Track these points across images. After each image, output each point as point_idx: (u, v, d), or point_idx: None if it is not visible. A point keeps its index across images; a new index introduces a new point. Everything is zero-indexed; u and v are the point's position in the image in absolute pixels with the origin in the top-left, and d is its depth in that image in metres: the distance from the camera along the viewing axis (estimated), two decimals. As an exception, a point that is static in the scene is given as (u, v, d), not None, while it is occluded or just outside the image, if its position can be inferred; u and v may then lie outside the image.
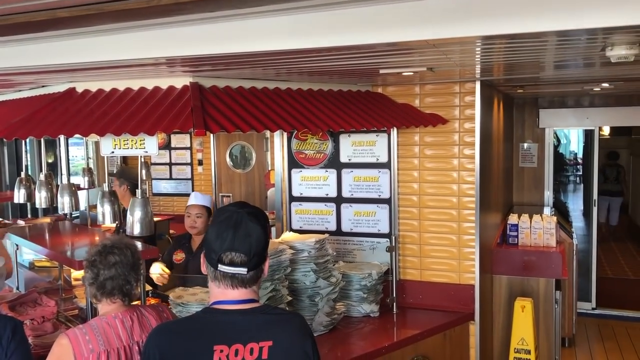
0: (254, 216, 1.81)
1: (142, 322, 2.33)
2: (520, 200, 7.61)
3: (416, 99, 4.10)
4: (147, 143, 3.21)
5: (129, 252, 2.38)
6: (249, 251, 1.76)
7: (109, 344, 2.22)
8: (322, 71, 3.33)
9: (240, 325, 1.77)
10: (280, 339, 1.78)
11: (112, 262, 2.32)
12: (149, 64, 2.86)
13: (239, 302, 1.80)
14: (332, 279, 3.68)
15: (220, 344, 1.72)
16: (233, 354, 1.71)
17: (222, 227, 1.78)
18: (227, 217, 1.80)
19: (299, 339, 1.84)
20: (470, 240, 4.04)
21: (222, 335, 1.74)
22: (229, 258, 1.76)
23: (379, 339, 3.65)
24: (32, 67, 2.93)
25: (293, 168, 4.41)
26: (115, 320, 2.28)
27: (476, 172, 3.98)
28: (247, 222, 1.79)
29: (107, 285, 2.30)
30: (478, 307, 4.07)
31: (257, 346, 1.73)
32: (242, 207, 1.86)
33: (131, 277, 2.35)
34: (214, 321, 1.79)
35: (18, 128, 2.97)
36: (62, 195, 4.59)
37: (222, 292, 1.80)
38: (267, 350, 1.74)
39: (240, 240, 1.76)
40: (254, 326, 1.77)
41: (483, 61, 2.93)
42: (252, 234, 1.77)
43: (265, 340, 1.75)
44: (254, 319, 1.79)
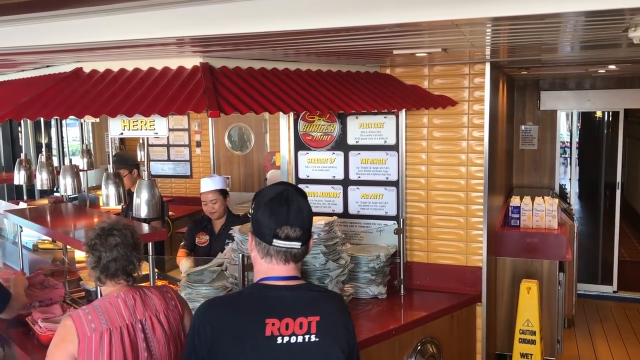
0: (301, 193, 1.91)
1: (145, 301, 2.35)
2: (520, 182, 7.63)
3: (425, 81, 4.07)
4: (157, 124, 3.17)
5: (128, 232, 2.39)
6: (303, 225, 1.83)
7: (112, 322, 2.25)
8: (333, 52, 3.28)
9: (290, 300, 1.82)
10: (326, 314, 1.83)
11: (113, 244, 2.32)
12: (157, 44, 2.81)
13: (286, 279, 1.85)
14: (341, 261, 3.67)
15: (272, 318, 1.77)
16: (284, 327, 1.76)
17: (274, 205, 1.83)
18: (278, 194, 1.85)
19: (341, 315, 1.91)
20: (478, 223, 4.05)
21: (273, 308, 1.79)
22: (285, 233, 1.81)
23: (387, 320, 3.67)
24: (38, 46, 2.86)
25: (300, 150, 4.38)
26: (118, 300, 2.31)
27: (485, 154, 3.97)
28: (297, 198, 1.86)
29: (110, 267, 2.31)
30: (485, 289, 4.09)
31: (305, 320, 1.79)
32: (289, 185, 1.94)
33: (133, 257, 2.36)
34: (264, 295, 1.83)
35: (26, 108, 2.92)
36: (65, 177, 4.54)
37: (271, 268, 1.85)
38: (315, 324, 1.79)
39: (295, 215, 1.82)
40: (302, 301, 1.83)
41: (500, 42, 2.90)
42: (303, 209, 1.85)
43: (313, 315, 1.80)
44: (301, 294, 1.85)
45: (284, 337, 1.76)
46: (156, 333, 2.33)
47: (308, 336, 1.78)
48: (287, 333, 1.76)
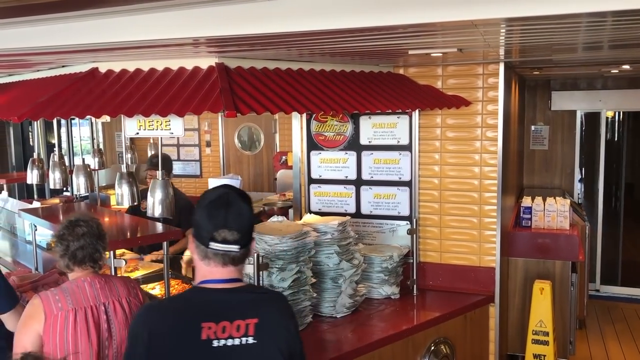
0: (243, 197, 1.88)
1: (109, 287, 2.55)
2: (531, 183, 7.61)
3: (438, 81, 4.07)
4: (172, 124, 3.18)
5: (94, 223, 2.59)
6: (241, 229, 1.82)
7: (77, 303, 2.45)
8: (348, 52, 3.29)
9: (228, 303, 1.82)
10: (265, 316, 1.83)
11: (80, 234, 2.52)
12: (173, 45, 2.82)
13: (226, 281, 1.84)
14: (354, 261, 3.67)
15: (208, 321, 1.76)
16: (220, 331, 1.76)
17: (213, 207, 1.83)
18: (218, 196, 1.85)
19: (283, 317, 1.90)
20: (492, 223, 4.04)
21: (209, 312, 1.78)
22: (222, 236, 1.80)
23: (400, 321, 3.66)
24: (55, 47, 2.88)
25: (312, 150, 4.38)
26: (84, 283, 2.51)
27: (499, 154, 3.96)
28: (238, 201, 1.85)
29: (78, 255, 2.51)
30: (498, 290, 4.08)
31: (243, 323, 1.78)
32: (231, 189, 1.91)
33: (99, 246, 2.56)
34: (202, 299, 1.83)
35: (43, 108, 2.93)
36: (77, 176, 4.56)
37: (210, 271, 1.84)
38: (253, 327, 1.79)
39: (234, 218, 1.81)
40: (240, 304, 1.82)
41: (517, 42, 2.89)
42: (243, 213, 1.84)
43: (251, 317, 1.80)
44: (240, 297, 1.84)
45: (220, 340, 1.75)
46: (117, 316, 2.52)
47: (245, 339, 1.77)
48: (224, 336, 1.76)
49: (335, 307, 3.60)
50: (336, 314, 3.60)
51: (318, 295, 3.56)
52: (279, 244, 3.27)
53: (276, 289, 3.28)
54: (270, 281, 3.27)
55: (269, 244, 3.28)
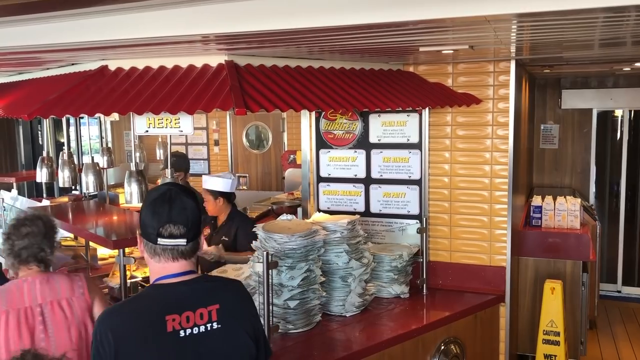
0: (185, 192, 1.91)
1: (50, 286, 2.51)
2: (541, 182, 7.55)
3: (449, 79, 4.04)
4: (182, 122, 3.17)
5: (40, 222, 2.58)
6: (187, 222, 1.85)
7: (11, 304, 2.43)
8: (358, 49, 3.27)
9: (187, 294, 1.86)
10: (225, 301, 1.89)
11: (24, 233, 2.52)
12: (183, 42, 2.81)
13: (181, 275, 1.88)
14: (363, 260, 3.65)
15: (172, 314, 1.80)
16: (185, 321, 1.80)
17: (157, 204, 1.86)
18: (161, 194, 1.88)
19: (242, 300, 1.98)
20: (502, 222, 4.00)
21: (171, 305, 1.82)
22: (169, 231, 1.83)
23: (410, 320, 3.64)
24: (64, 44, 2.88)
25: (321, 148, 4.36)
26: (24, 284, 2.49)
27: (509, 153, 3.93)
28: (181, 197, 1.87)
29: (22, 254, 2.52)
30: (508, 289, 4.05)
31: (205, 310, 1.84)
32: (174, 185, 1.97)
33: (44, 245, 2.55)
34: (161, 294, 1.87)
35: (53, 106, 2.94)
36: (87, 175, 4.56)
37: (163, 267, 1.88)
38: (215, 312, 1.85)
39: (177, 213, 1.84)
40: (199, 293, 1.87)
41: (528, 39, 2.86)
42: (187, 207, 1.86)
43: (212, 304, 1.85)
44: (198, 287, 1.89)
45: (186, 329, 1.80)
46: (56, 317, 2.48)
47: (210, 324, 1.83)
48: (189, 325, 1.80)
49: (345, 306, 3.58)
50: (345, 313, 3.58)
51: (327, 294, 3.55)
52: (289, 243, 3.25)
53: (286, 287, 3.27)
54: (280, 280, 3.25)
55: (279, 242, 3.26)
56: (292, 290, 3.27)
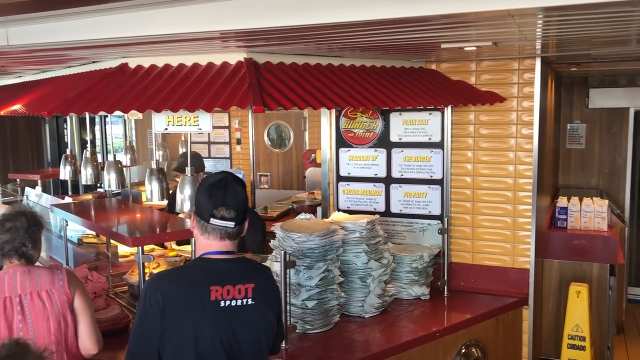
0: (238, 181, 2.15)
1: (31, 277, 2.57)
2: (567, 182, 7.39)
3: (472, 77, 3.96)
4: (201, 120, 3.16)
5: (23, 218, 2.64)
6: (237, 207, 2.08)
7: None
8: (379, 46, 3.22)
9: (229, 270, 2.09)
10: (260, 281, 2.12)
11: (7, 228, 2.60)
12: (202, 39, 2.80)
13: (224, 253, 2.11)
14: (383, 260, 3.60)
15: (215, 285, 2.04)
16: (226, 293, 2.04)
17: (214, 188, 2.08)
18: (218, 180, 2.11)
19: (272, 283, 2.24)
20: (526, 224, 3.91)
21: (215, 277, 2.06)
22: (221, 213, 2.06)
23: (430, 322, 3.58)
24: (84, 41, 2.88)
25: (341, 147, 4.32)
26: (5, 275, 2.57)
27: (534, 152, 3.84)
28: (234, 184, 2.10)
29: (4, 248, 2.60)
30: (532, 292, 3.95)
31: (243, 287, 2.07)
32: (229, 174, 2.19)
33: (26, 240, 2.61)
34: (207, 267, 2.10)
35: (73, 103, 2.94)
36: (109, 173, 4.60)
37: (210, 244, 2.10)
38: (251, 290, 2.08)
39: (231, 199, 2.07)
40: (239, 271, 2.11)
41: (554, 35, 2.77)
42: (239, 194, 2.10)
43: (249, 282, 2.08)
44: (238, 265, 2.13)
45: (226, 301, 2.04)
46: (35, 307, 2.54)
47: (246, 300, 2.06)
48: (229, 297, 2.04)
49: (364, 307, 3.53)
50: (364, 314, 3.54)
51: (346, 295, 3.50)
52: (307, 242, 3.22)
53: (304, 287, 3.24)
54: (298, 279, 3.22)
55: (297, 241, 3.23)
56: (310, 290, 3.23)
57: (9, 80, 5.27)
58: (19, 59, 3.60)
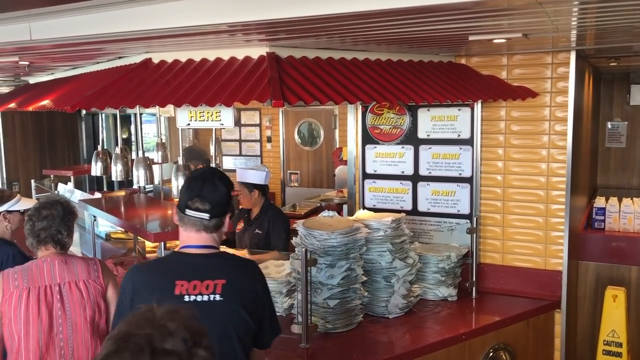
0: (221, 177, 2.15)
1: (69, 268, 2.66)
2: (605, 182, 7.13)
3: (503, 71, 3.82)
4: (223, 115, 3.13)
5: (59, 207, 2.74)
6: (213, 201, 2.08)
7: (33, 282, 2.59)
8: (405, 39, 3.12)
9: (200, 265, 2.09)
10: (232, 278, 2.08)
11: (44, 215, 2.70)
12: (224, 31, 2.76)
13: (202, 247, 2.11)
14: (408, 260, 3.51)
15: (181, 280, 2.04)
16: (192, 288, 2.03)
17: (193, 181, 2.13)
18: (200, 173, 2.17)
19: (249, 280, 2.15)
20: (559, 224, 3.76)
21: (183, 272, 2.06)
22: (196, 205, 2.08)
23: (457, 324, 3.47)
24: (105, 35, 2.86)
25: (367, 144, 4.24)
26: (44, 264, 2.64)
27: (568, 150, 3.69)
28: (214, 179, 2.12)
29: (41, 235, 2.69)
30: (565, 295, 3.80)
31: (212, 283, 2.04)
32: (214, 170, 2.25)
33: (62, 227, 2.71)
34: (178, 261, 2.12)
35: (95, 99, 2.95)
36: (137, 169, 4.62)
37: (188, 237, 2.12)
38: (220, 286, 2.04)
39: (207, 191, 2.08)
40: (211, 267, 2.09)
41: (588, 25, 2.63)
42: (217, 189, 2.10)
43: (220, 278, 2.05)
44: (212, 261, 2.11)
45: (191, 296, 2.02)
46: (73, 296, 2.63)
47: (213, 296, 2.03)
48: (194, 293, 2.02)
49: (388, 307, 3.45)
50: (388, 315, 3.45)
51: (370, 294, 3.43)
52: (328, 240, 3.15)
53: (325, 285, 3.17)
54: (319, 278, 3.16)
55: (318, 239, 3.17)
56: (331, 289, 3.17)
57: (41, 78, 5.37)
58: (44, 55, 3.63)
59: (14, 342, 2.54)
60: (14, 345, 2.55)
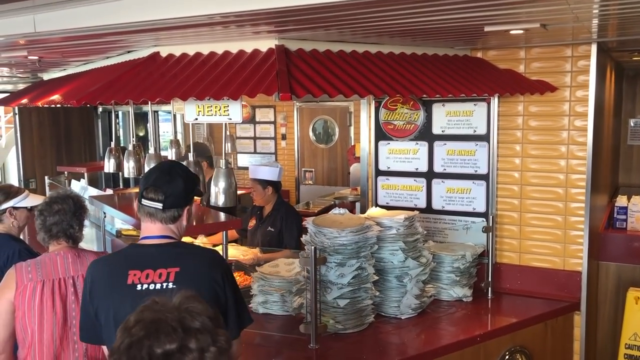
0: (182, 170, 2.17)
1: (81, 261, 2.68)
2: (627, 181, 6.94)
3: (521, 65, 3.70)
4: (231, 110, 3.06)
5: (70, 201, 2.76)
6: (167, 191, 2.08)
7: (47, 275, 2.60)
8: (417, 30, 3.02)
9: (154, 254, 2.10)
10: (187, 266, 2.06)
11: (55, 210, 2.71)
12: (232, 21, 2.67)
13: (158, 237, 2.12)
14: (422, 259, 3.41)
15: (134, 269, 2.05)
16: (144, 277, 2.03)
17: (151, 171, 2.16)
18: (159, 165, 2.22)
19: (207, 267, 2.11)
20: (579, 223, 3.63)
21: (137, 262, 2.07)
22: (150, 195, 2.08)
23: (472, 326, 3.37)
24: (110, 26, 2.80)
25: (380, 140, 4.14)
26: (57, 257, 2.66)
27: (588, 146, 3.56)
28: (172, 171, 2.13)
29: (52, 229, 2.70)
30: (585, 296, 3.67)
31: (165, 271, 2.03)
32: (176, 163, 2.28)
33: (73, 222, 2.74)
34: (134, 252, 2.16)
35: (101, 93, 2.90)
36: (149, 165, 4.58)
37: (146, 227, 2.14)
38: (173, 274, 2.03)
39: (162, 181, 2.09)
40: (165, 256, 2.09)
41: (611, 14, 2.51)
42: (173, 180, 2.10)
43: (173, 266, 2.04)
44: (166, 250, 2.11)
45: (143, 285, 2.02)
46: None
47: (166, 284, 2.03)
48: (147, 281, 2.03)
49: (400, 307, 3.36)
50: (400, 315, 3.36)
51: (381, 294, 3.34)
52: (339, 238, 3.07)
53: (335, 285, 3.09)
54: (328, 276, 3.08)
55: (328, 237, 3.09)
56: (341, 289, 3.08)
57: (55, 74, 5.36)
58: (52, 49, 3.59)
59: (27, 336, 2.53)
60: (26, 339, 2.53)
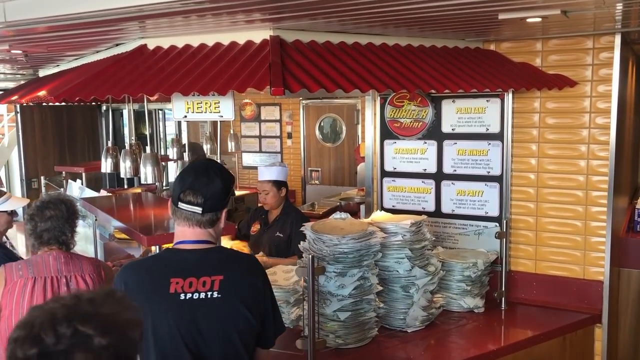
0: (218, 170, 2.04)
1: (74, 262, 2.64)
2: (648, 182, 6.63)
3: (537, 58, 3.45)
4: (222, 106, 2.84)
5: (63, 206, 2.68)
6: (206, 194, 1.97)
7: (38, 272, 2.56)
8: (425, 19, 2.77)
9: (196, 261, 2.00)
10: (230, 273, 1.98)
11: (47, 216, 2.63)
12: (222, 7, 2.43)
13: (196, 242, 2.02)
14: (429, 267, 3.17)
15: (176, 277, 1.95)
16: (187, 285, 1.94)
17: (186, 172, 2.04)
18: (194, 164, 2.07)
19: (249, 275, 2.05)
20: (600, 228, 3.38)
21: (178, 269, 1.97)
22: (188, 198, 1.97)
23: (485, 339, 3.14)
24: (87, 13, 2.56)
25: (386, 139, 3.90)
26: (49, 257, 2.62)
27: (611, 145, 3.30)
28: (209, 171, 2.01)
29: (43, 236, 2.63)
30: (606, 308, 3.41)
31: (209, 279, 1.95)
32: (211, 162, 2.12)
33: (66, 229, 2.66)
34: (173, 258, 2.04)
35: (80, 89, 2.69)
36: (145, 165, 4.38)
37: (182, 232, 2.03)
38: (218, 282, 1.96)
39: (200, 183, 1.98)
40: (207, 262, 2.00)
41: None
42: (212, 182, 1.99)
43: (217, 274, 1.96)
44: (208, 256, 2.02)
45: (187, 294, 1.93)
46: (81, 288, 2.57)
47: (210, 293, 1.94)
48: (190, 290, 1.94)
49: (406, 320, 3.12)
50: (407, 328, 3.12)
51: (386, 306, 3.10)
52: (339, 245, 2.83)
53: (335, 297, 2.85)
54: (328, 287, 2.84)
55: (327, 244, 2.85)
56: (342, 300, 2.85)
57: (49, 70, 5.17)
58: (33, 41, 3.37)
59: None
60: None
